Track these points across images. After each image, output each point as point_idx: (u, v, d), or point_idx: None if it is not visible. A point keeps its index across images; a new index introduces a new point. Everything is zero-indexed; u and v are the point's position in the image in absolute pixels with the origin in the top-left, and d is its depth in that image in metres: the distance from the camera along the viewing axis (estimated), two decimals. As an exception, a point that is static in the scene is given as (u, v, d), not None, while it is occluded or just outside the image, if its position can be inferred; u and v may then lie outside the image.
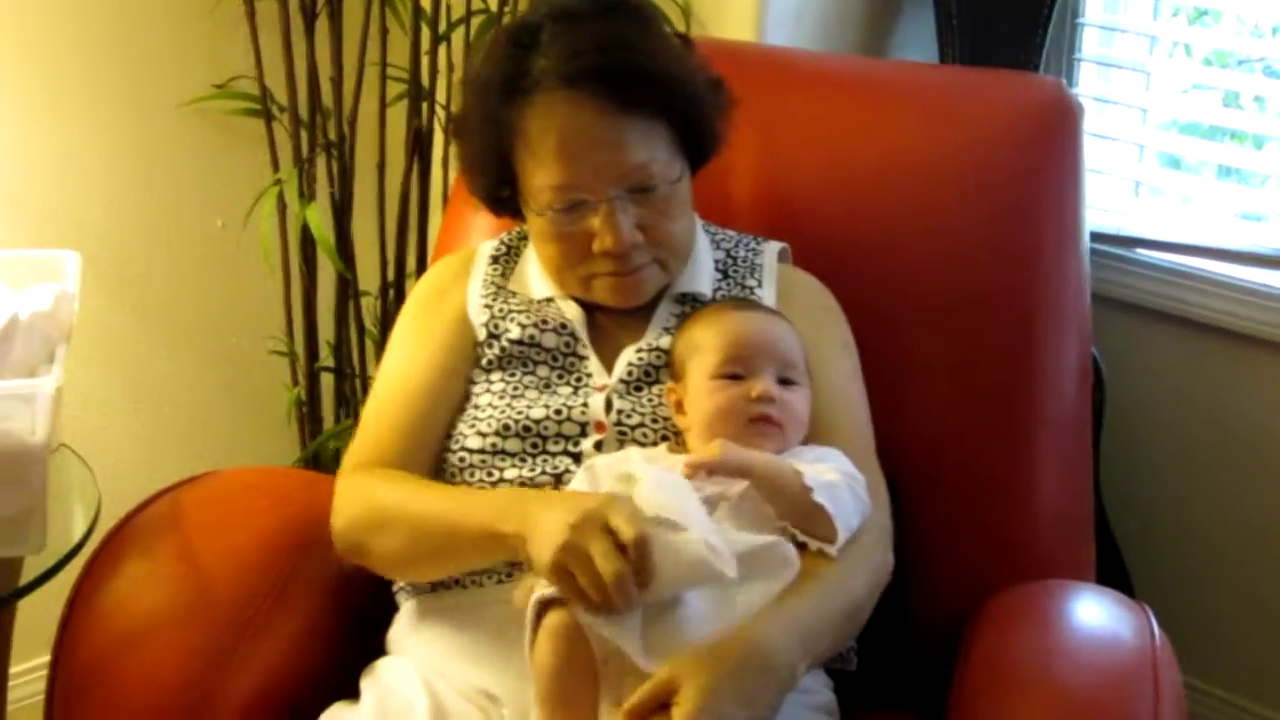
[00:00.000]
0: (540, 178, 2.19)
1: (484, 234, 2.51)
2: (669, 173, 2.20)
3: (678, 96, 2.21)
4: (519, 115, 2.19)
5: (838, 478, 2.03)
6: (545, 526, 1.90)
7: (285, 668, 2.17)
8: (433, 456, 2.23)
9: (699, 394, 2.12)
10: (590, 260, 2.21)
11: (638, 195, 2.18)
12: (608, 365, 2.24)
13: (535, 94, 2.18)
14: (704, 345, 2.14)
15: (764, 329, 2.16)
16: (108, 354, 3.24)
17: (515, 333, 2.26)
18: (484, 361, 2.27)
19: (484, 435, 2.18)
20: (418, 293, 2.42)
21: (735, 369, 2.11)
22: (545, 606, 1.93)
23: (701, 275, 2.32)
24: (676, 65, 2.23)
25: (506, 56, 2.22)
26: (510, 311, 2.29)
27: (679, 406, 2.15)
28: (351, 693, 2.13)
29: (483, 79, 2.25)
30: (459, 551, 2.09)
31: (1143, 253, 3.14)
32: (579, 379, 2.23)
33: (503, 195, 2.29)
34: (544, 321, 2.27)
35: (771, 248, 2.40)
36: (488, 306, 2.30)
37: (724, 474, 1.99)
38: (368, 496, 2.17)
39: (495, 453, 2.17)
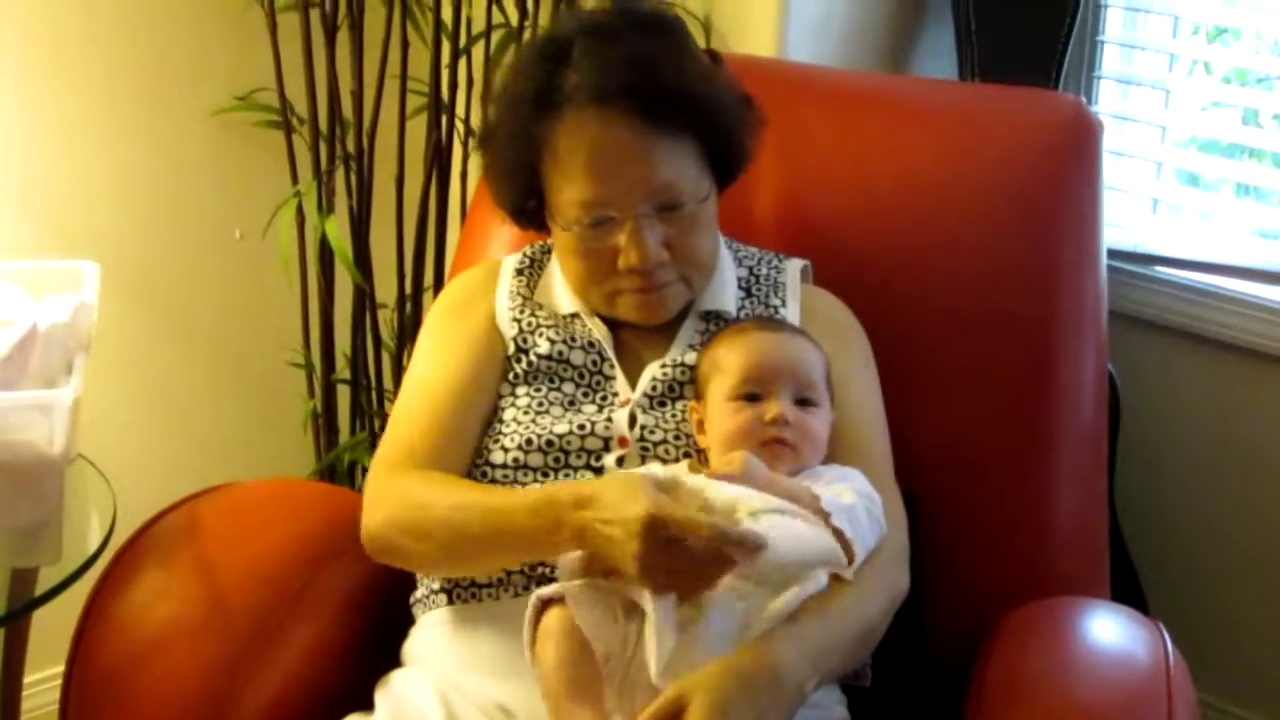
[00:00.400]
0: (568, 193, 2.19)
1: (503, 247, 2.52)
2: (696, 191, 2.20)
3: (707, 114, 2.21)
4: (549, 130, 2.19)
5: (854, 499, 2.03)
6: (615, 553, 1.90)
7: (301, 679, 2.17)
8: (464, 458, 2.22)
9: (717, 415, 2.12)
10: (615, 276, 2.22)
11: (665, 213, 2.18)
12: (631, 381, 2.24)
13: (566, 109, 2.18)
14: (724, 365, 2.14)
15: (784, 350, 2.15)
16: (126, 365, 3.25)
17: (544, 347, 2.26)
18: (511, 375, 2.27)
19: (507, 450, 2.18)
20: (444, 300, 2.42)
21: (752, 390, 2.11)
22: (544, 606, 1.94)
23: (726, 293, 2.32)
24: (706, 83, 2.23)
25: (538, 70, 2.21)
26: (539, 325, 2.29)
27: (700, 426, 2.16)
28: (366, 704, 2.13)
29: (513, 93, 2.25)
30: (501, 556, 2.10)
31: (1160, 270, 3.14)
32: (604, 397, 2.23)
33: (528, 208, 2.29)
34: (572, 338, 2.27)
35: (794, 265, 2.40)
36: (516, 320, 2.30)
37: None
38: (402, 497, 2.16)
39: (518, 467, 2.17)
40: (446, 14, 3.08)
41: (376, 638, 2.22)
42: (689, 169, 2.20)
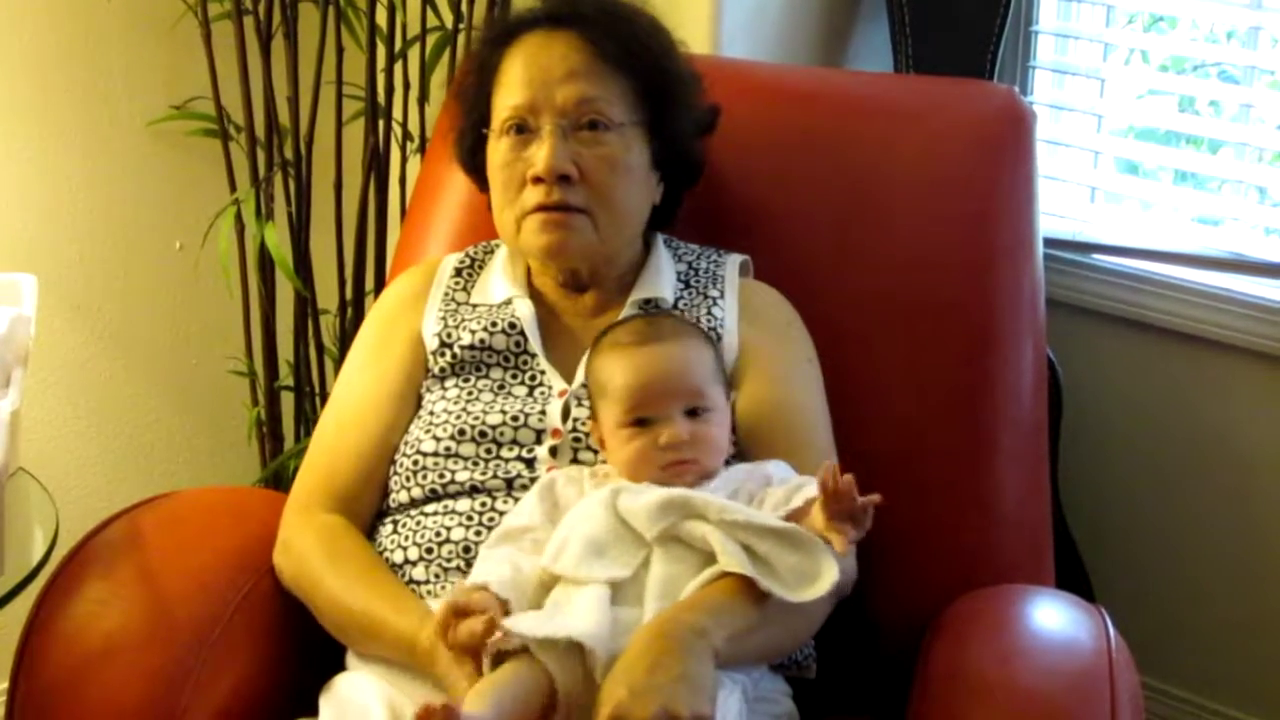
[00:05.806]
0: (501, 101, 2.26)
1: (442, 248, 2.52)
2: (617, 116, 2.24)
3: (650, 62, 2.28)
4: (503, 56, 2.29)
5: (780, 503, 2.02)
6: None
7: (247, 687, 2.17)
8: (380, 492, 2.25)
9: (611, 442, 2.10)
10: (525, 192, 2.23)
11: (583, 133, 2.22)
12: (568, 368, 2.25)
13: (522, 34, 2.28)
14: (609, 389, 2.10)
15: (665, 364, 2.11)
16: (66, 377, 3.24)
17: (467, 339, 2.27)
18: (437, 369, 2.28)
19: (439, 439, 2.19)
20: (376, 313, 2.42)
21: (641, 415, 2.08)
22: (500, 657, 1.91)
23: (664, 283, 2.32)
24: (659, 41, 2.32)
25: (503, 20, 2.40)
26: (464, 320, 2.30)
27: (602, 444, 2.14)
28: (313, 709, 2.12)
29: (481, 37, 2.39)
30: (377, 652, 2.12)
31: (1099, 258, 3.16)
32: (532, 377, 2.25)
33: (477, 143, 2.33)
34: (493, 324, 2.28)
35: (733, 260, 2.40)
36: (443, 319, 2.31)
37: None
38: (301, 558, 2.22)
39: (449, 456, 2.18)
40: (381, 18, 3.08)
41: (321, 642, 2.21)
42: (616, 98, 2.24)
